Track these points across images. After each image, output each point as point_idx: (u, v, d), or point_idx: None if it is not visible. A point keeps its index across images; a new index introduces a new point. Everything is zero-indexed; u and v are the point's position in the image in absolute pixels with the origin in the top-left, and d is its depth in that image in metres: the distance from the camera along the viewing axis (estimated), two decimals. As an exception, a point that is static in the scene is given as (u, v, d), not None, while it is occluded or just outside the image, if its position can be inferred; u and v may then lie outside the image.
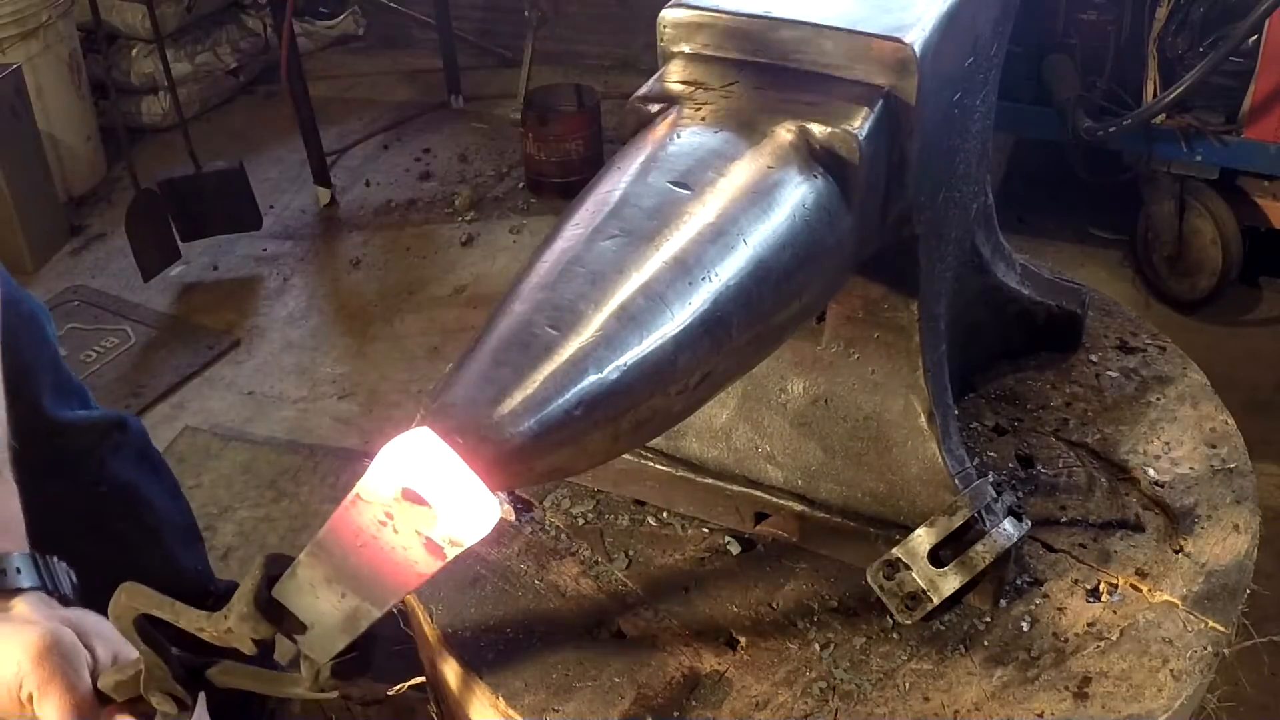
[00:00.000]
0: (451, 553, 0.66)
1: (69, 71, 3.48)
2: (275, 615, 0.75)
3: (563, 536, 1.16)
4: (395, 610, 1.16)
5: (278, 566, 0.75)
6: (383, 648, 1.27)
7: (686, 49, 0.96)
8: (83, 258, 3.35)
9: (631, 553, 1.14)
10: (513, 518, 1.17)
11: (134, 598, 0.80)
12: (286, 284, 3.22)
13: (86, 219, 3.52)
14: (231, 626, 0.75)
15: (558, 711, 0.99)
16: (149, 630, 0.81)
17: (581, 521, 1.17)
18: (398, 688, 1.23)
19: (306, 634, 0.76)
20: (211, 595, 1.77)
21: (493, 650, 1.04)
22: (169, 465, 1.78)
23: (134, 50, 3.83)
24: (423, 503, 0.63)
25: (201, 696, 0.87)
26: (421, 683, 1.21)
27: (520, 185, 3.60)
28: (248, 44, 4.18)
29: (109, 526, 1.61)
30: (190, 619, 0.78)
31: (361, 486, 0.66)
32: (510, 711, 1.00)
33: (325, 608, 0.74)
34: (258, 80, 4.28)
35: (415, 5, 4.37)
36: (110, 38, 3.68)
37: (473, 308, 3.06)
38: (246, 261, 3.31)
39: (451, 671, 1.07)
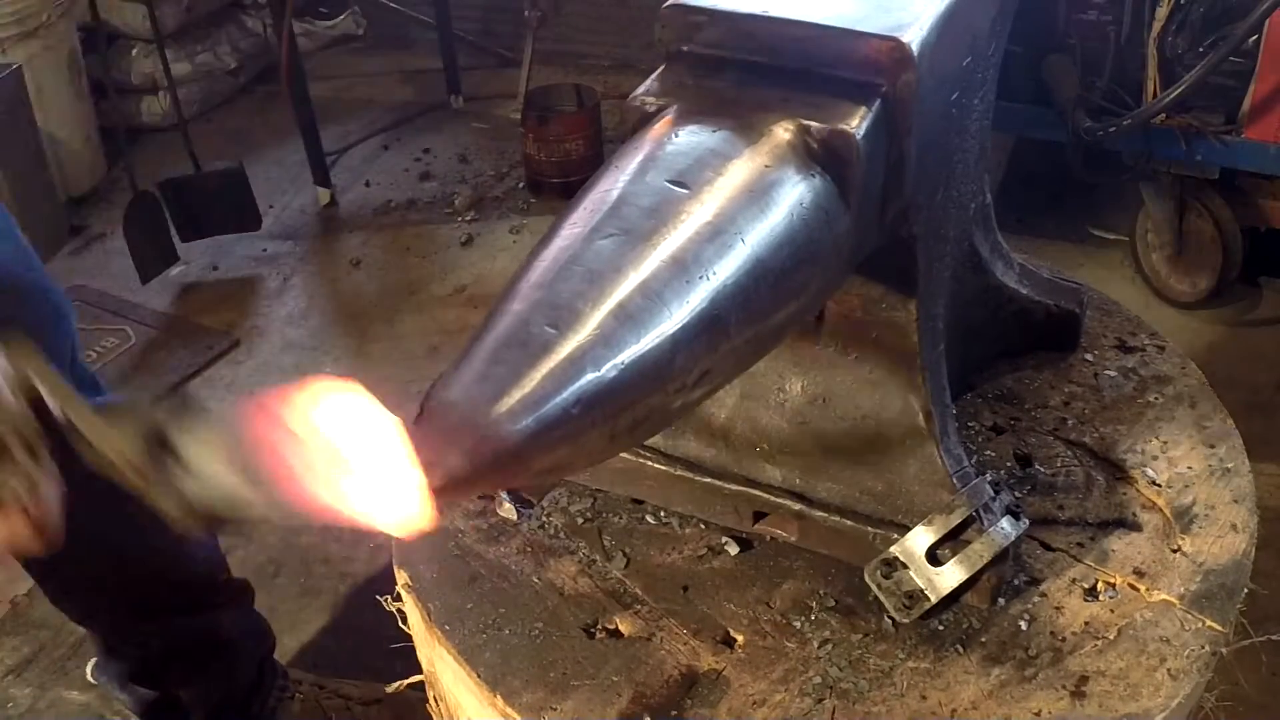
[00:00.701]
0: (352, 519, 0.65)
1: (69, 71, 3.48)
2: (161, 452, 0.71)
3: (561, 535, 1.16)
4: (393, 610, 1.17)
5: (181, 414, 0.71)
6: (381, 646, 1.27)
7: (685, 48, 0.97)
8: (83, 258, 3.35)
9: (629, 551, 1.14)
10: (514, 516, 1.17)
11: (21, 357, 0.76)
12: (286, 284, 3.22)
13: (86, 219, 3.52)
14: (115, 439, 0.72)
15: (555, 710, 0.99)
16: (31, 386, 0.77)
17: (580, 520, 1.17)
18: (396, 686, 1.24)
19: (183, 472, 0.72)
20: (221, 586, 1.77)
21: (491, 649, 1.04)
22: None
23: (134, 50, 3.83)
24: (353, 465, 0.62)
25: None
26: (420, 681, 1.21)
27: (520, 185, 3.60)
28: (248, 44, 4.17)
29: (122, 506, 1.62)
30: (75, 408, 0.74)
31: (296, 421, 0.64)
32: (508, 710, 1.00)
33: (219, 476, 0.70)
34: (258, 80, 4.28)
35: (415, 5, 4.37)
36: (110, 38, 3.68)
37: (473, 308, 3.06)
38: (246, 261, 3.31)
39: (449, 670, 1.07)
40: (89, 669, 1.92)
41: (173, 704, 1.82)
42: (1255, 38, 2.44)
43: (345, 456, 0.64)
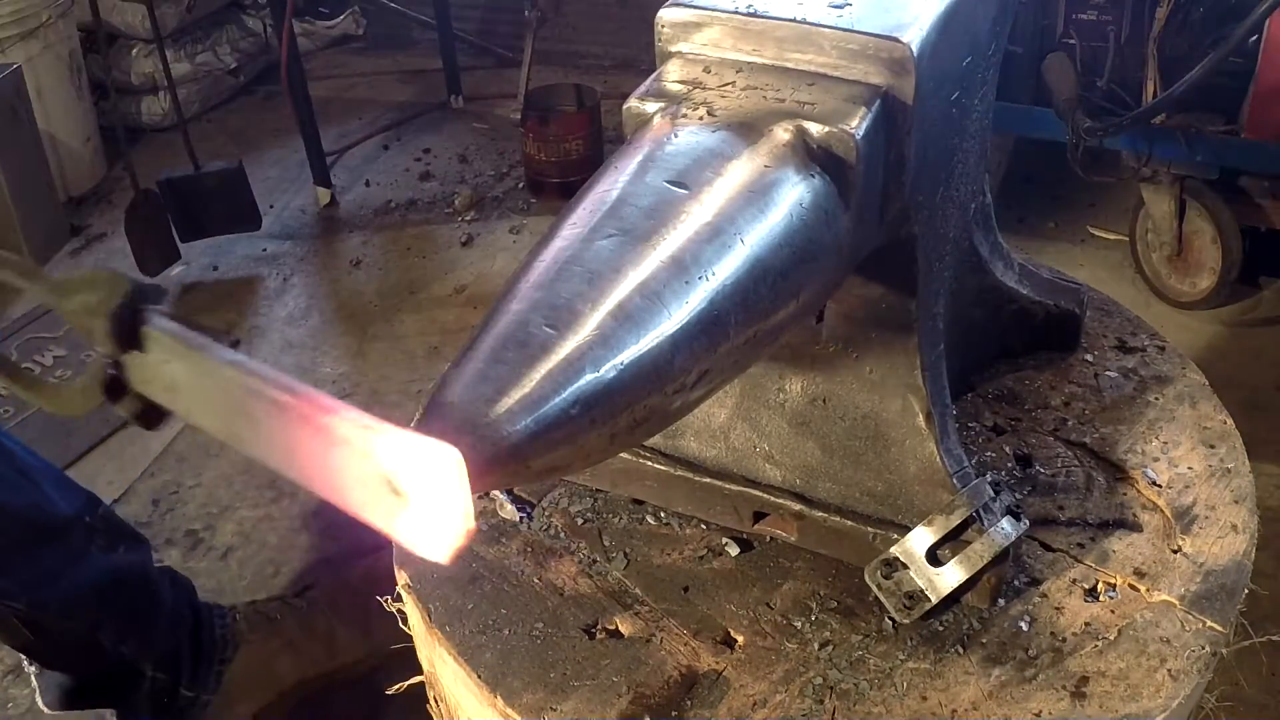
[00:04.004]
0: (372, 523, 0.63)
1: (69, 71, 3.48)
2: (129, 337, 0.69)
3: (561, 535, 1.16)
4: (393, 610, 1.17)
5: (148, 297, 0.70)
6: (382, 647, 1.27)
7: (684, 49, 0.97)
8: (83, 258, 3.35)
9: (629, 552, 1.14)
10: (516, 517, 1.17)
11: None
12: (286, 284, 3.22)
13: (86, 219, 3.52)
14: (68, 307, 0.70)
15: (555, 711, 0.99)
16: None
17: (580, 520, 1.17)
18: (397, 687, 1.23)
19: (142, 361, 0.69)
20: (90, 527, 1.77)
21: (491, 649, 1.04)
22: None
23: (134, 50, 3.83)
24: (402, 501, 0.61)
25: None
26: (420, 682, 1.21)
27: (520, 185, 3.60)
28: (248, 44, 4.18)
29: None
30: (32, 280, 0.74)
31: (360, 439, 0.62)
32: (508, 710, 1.00)
33: (189, 394, 0.68)
34: (258, 80, 4.28)
35: (415, 5, 4.37)
36: (110, 38, 3.68)
37: (473, 308, 3.06)
38: (246, 261, 3.31)
39: (450, 670, 1.07)
40: (38, 701, 1.92)
41: (125, 670, 1.83)
42: (1255, 38, 2.45)
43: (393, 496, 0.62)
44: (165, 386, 0.70)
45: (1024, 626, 1.04)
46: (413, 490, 0.60)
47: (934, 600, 1.02)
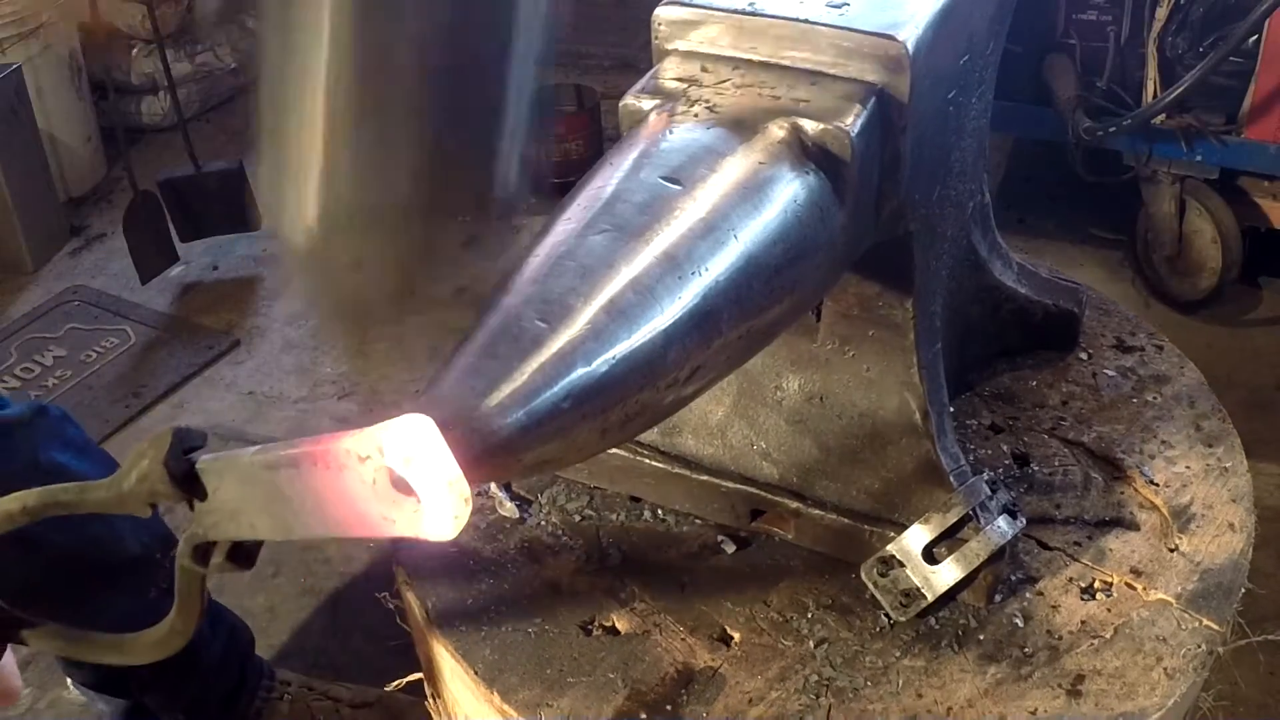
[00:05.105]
0: (400, 533, 0.65)
1: (69, 71, 3.48)
2: (187, 484, 0.71)
3: (558, 533, 1.16)
4: (392, 607, 1.17)
5: (191, 440, 0.72)
6: (382, 646, 1.27)
7: (681, 46, 0.97)
8: (83, 258, 3.35)
9: (626, 549, 1.14)
10: (513, 514, 1.17)
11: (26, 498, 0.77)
12: (286, 284, 3.22)
13: (86, 219, 3.52)
14: (130, 487, 0.72)
15: (552, 707, 0.99)
16: None
17: (577, 518, 1.17)
18: (395, 684, 1.24)
19: (208, 505, 0.72)
20: (163, 566, 1.73)
21: (488, 646, 1.04)
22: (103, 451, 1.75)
23: (134, 50, 3.83)
24: (410, 493, 0.62)
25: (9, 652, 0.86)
26: (418, 679, 1.21)
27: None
28: (248, 44, 4.18)
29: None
30: (89, 496, 0.75)
31: (352, 446, 0.64)
32: (505, 707, 1.00)
33: (246, 509, 0.70)
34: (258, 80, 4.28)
35: (416, 6, 4.36)
36: (110, 38, 3.68)
37: (473, 308, 3.06)
38: (246, 261, 3.31)
39: (447, 667, 1.07)
40: (69, 682, 1.90)
41: (146, 709, 1.80)
42: (1255, 38, 2.45)
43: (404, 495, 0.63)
44: (229, 516, 0.72)
45: (1020, 624, 1.04)
46: (409, 472, 0.61)
47: (930, 598, 1.02)
